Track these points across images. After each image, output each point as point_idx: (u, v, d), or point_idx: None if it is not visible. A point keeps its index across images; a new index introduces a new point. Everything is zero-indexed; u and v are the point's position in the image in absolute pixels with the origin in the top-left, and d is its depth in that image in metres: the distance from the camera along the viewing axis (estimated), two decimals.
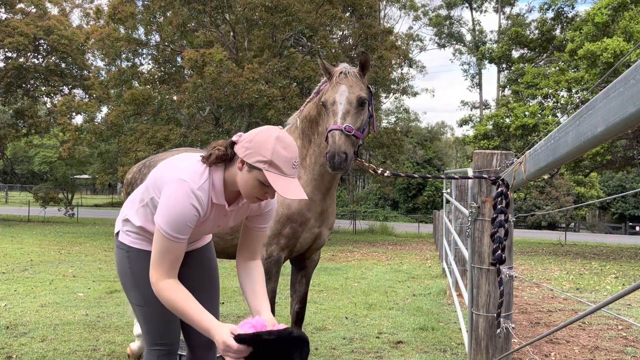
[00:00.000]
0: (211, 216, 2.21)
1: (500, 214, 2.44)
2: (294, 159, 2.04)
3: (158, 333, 2.39)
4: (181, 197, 2.05)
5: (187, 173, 2.11)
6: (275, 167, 2.00)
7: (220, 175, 2.14)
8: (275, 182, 1.98)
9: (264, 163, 2.00)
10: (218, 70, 14.68)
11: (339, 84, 3.08)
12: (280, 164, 2.00)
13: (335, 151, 2.84)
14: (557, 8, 22.31)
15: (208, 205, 2.14)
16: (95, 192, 60.10)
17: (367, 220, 31.38)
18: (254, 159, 2.02)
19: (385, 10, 40.39)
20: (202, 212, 2.11)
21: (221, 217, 2.25)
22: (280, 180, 2.00)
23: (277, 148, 2.01)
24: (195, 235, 2.38)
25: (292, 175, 2.03)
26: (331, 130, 2.93)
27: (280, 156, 2.00)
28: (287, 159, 2.01)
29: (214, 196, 2.13)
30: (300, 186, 2.05)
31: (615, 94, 1.09)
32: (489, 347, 2.85)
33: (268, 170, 1.99)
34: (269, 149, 2.01)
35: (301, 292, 3.73)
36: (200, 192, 2.08)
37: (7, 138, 25.54)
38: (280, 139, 2.04)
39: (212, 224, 2.27)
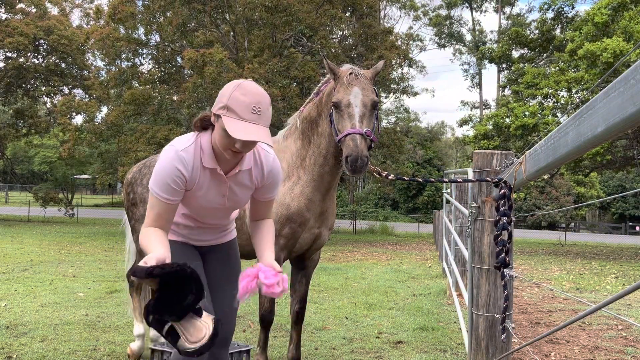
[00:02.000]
0: (206, 182, 2.25)
1: (503, 217, 2.41)
2: (254, 103, 2.05)
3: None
4: (165, 158, 2.17)
5: (175, 140, 2.25)
6: (232, 111, 2.04)
7: (207, 139, 2.22)
8: (229, 124, 2.02)
9: (222, 109, 2.07)
10: (218, 70, 14.68)
11: (352, 86, 3.03)
12: (237, 108, 2.03)
13: (359, 155, 2.82)
14: (557, 8, 22.31)
15: (196, 168, 2.20)
16: (95, 192, 60.10)
17: (367, 220, 31.38)
18: (216, 107, 2.11)
19: (385, 10, 40.39)
20: (187, 173, 2.17)
21: (221, 185, 2.28)
22: (235, 123, 2.03)
23: (235, 94, 2.06)
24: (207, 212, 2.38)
25: (251, 120, 2.04)
26: (351, 133, 2.88)
27: (237, 101, 2.04)
28: (245, 104, 2.04)
29: (204, 159, 2.20)
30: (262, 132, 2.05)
31: (615, 94, 1.09)
32: (489, 347, 2.85)
33: (226, 115, 2.05)
34: (226, 95, 2.07)
35: (301, 292, 3.73)
36: (184, 153, 2.17)
37: (7, 138, 25.54)
38: (242, 86, 2.08)
39: (214, 194, 2.29)
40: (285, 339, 4.81)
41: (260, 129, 2.06)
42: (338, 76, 3.11)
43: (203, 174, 2.23)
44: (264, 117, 2.09)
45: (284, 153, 3.48)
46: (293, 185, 3.38)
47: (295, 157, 3.42)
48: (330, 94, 3.19)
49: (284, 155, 3.47)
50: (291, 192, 3.37)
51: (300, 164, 3.40)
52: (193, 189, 2.25)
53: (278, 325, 5.34)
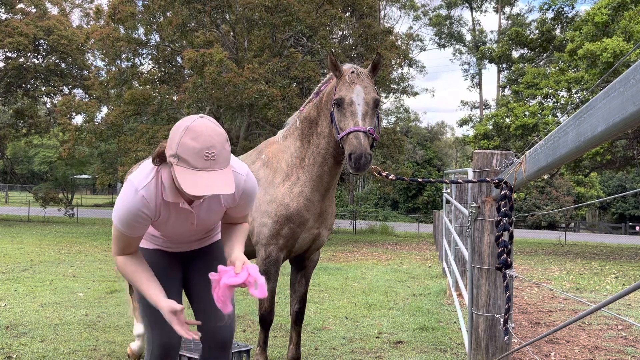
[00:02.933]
0: (172, 215, 2.16)
1: (504, 217, 2.40)
2: (206, 149, 1.86)
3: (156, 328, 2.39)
4: (126, 197, 2.07)
5: (136, 174, 2.12)
6: (182, 160, 1.87)
7: (168, 174, 2.07)
8: (181, 176, 1.86)
9: (173, 157, 1.91)
10: (218, 70, 14.68)
11: (354, 84, 3.01)
12: (187, 156, 1.86)
13: (362, 152, 2.79)
14: (557, 8, 22.30)
15: (158, 204, 2.10)
16: (95, 192, 60.08)
17: (367, 220, 31.38)
18: (168, 153, 1.95)
19: (385, 10, 40.39)
20: (150, 212, 2.08)
21: (187, 215, 2.18)
22: (188, 174, 1.86)
23: (184, 140, 1.87)
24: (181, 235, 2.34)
25: (204, 168, 1.86)
26: (354, 131, 2.86)
27: (187, 148, 1.86)
28: (195, 151, 1.85)
29: (165, 194, 2.08)
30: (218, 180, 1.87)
31: (615, 94, 1.09)
32: (489, 347, 2.85)
33: (177, 165, 1.89)
34: (175, 141, 1.90)
35: (301, 292, 3.73)
36: (144, 191, 2.05)
37: (7, 138, 25.55)
38: (190, 129, 1.88)
39: (181, 223, 2.22)
40: (285, 339, 4.81)
41: (217, 176, 1.88)
42: (341, 74, 3.09)
43: (166, 208, 2.13)
44: (220, 160, 1.90)
45: (283, 153, 3.48)
46: (292, 185, 3.38)
47: (295, 157, 3.42)
48: (331, 93, 3.18)
49: (283, 156, 3.47)
50: (290, 192, 3.36)
51: (299, 164, 3.39)
52: (159, 221, 2.18)
53: (278, 325, 5.34)
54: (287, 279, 4.46)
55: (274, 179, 3.44)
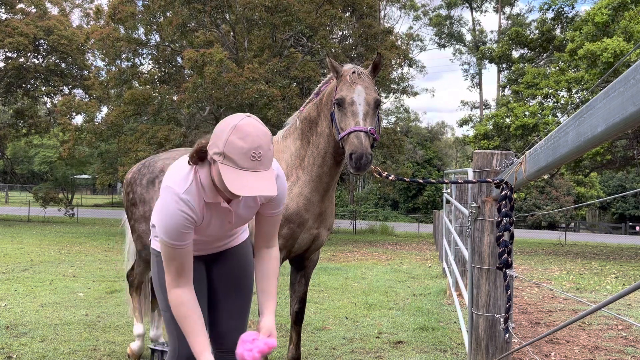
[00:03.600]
0: (213, 215, 2.15)
1: (505, 217, 2.39)
2: (253, 149, 1.86)
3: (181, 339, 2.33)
4: (169, 205, 2.02)
5: (172, 179, 2.07)
6: (229, 159, 1.86)
7: (206, 174, 2.05)
8: (227, 176, 1.86)
9: (218, 155, 1.89)
10: (218, 70, 14.68)
11: (355, 84, 3.01)
12: (234, 156, 1.85)
13: (363, 152, 2.79)
14: (557, 8, 22.31)
15: (201, 207, 2.07)
16: (95, 192, 60.09)
17: (367, 220, 31.39)
18: (212, 150, 1.93)
19: (385, 10, 40.37)
20: (196, 216, 2.05)
21: (226, 213, 2.18)
22: (233, 174, 1.86)
23: (232, 138, 1.86)
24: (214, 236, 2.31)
25: (251, 169, 1.86)
26: (355, 131, 2.86)
27: (234, 147, 1.85)
28: (243, 150, 1.85)
29: (205, 196, 2.06)
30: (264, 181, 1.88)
31: (615, 94, 1.09)
32: (489, 347, 2.85)
33: (222, 163, 1.88)
34: (222, 139, 1.88)
35: (300, 292, 3.72)
36: (187, 195, 2.02)
37: (7, 138, 25.55)
38: (238, 128, 1.87)
39: (220, 222, 2.21)
40: (285, 339, 4.81)
41: (262, 177, 1.88)
42: (341, 75, 3.09)
43: (208, 210, 2.12)
44: (265, 161, 1.90)
45: (283, 153, 3.48)
46: (292, 185, 3.38)
47: (294, 158, 3.42)
48: (331, 93, 3.18)
49: (282, 156, 3.47)
50: (290, 193, 3.36)
51: (299, 165, 3.39)
52: (201, 225, 2.16)
53: (278, 325, 5.34)
54: (287, 279, 4.46)
55: None
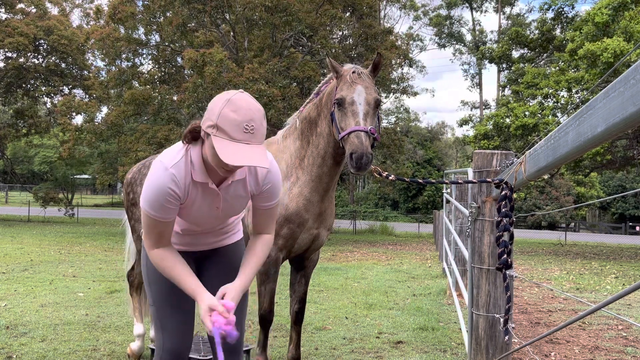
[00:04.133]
0: (199, 196, 2.16)
1: (505, 217, 2.39)
2: (246, 121, 1.90)
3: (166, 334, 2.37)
4: (156, 176, 2.07)
5: (164, 154, 2.14)
6: (222, 131, 1.90)
7: (197, 152, 2.10)
8: (220, 147, 1.89)
9: (212, 127, 1.93)
10: (218, 70, 14.69)
11: (355, 84, 3.01)
12: (227, 127, 1.90)
13: (364, 152, 2.79)
14: (557, 8, 22.31)
15: (187, 183, 2.10)
16: (95, 192, 60.08)
17: (367, 220, 31.38)
18: (205, 124, 1.97)
19: (385, 10, 40.38)
20: (180, 192, 2.09)
21: (214, 197, 2.19)
22: (227, 145, 1.90)
23: (225, 111, 1.91)
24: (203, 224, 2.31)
25: (243, 140, 1.91)
26: (355, 130, 2.86)
27: (227, 119, 1.90)
28: (236, 122, 1.89)
29: (194, 174, 2.10)
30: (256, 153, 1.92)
31: (615, 94, 1.09)
32: (489, 347, 2.85)
33: (215, 135, 1.92)
34: (215, 112, 1.93)
35: (300, 292, 3.72)
36: (174, 169, 2.06)
37: (7, 138, 25.55)
38: (232, 102, 1.93)
39: (207, 206, 2.21)
40: (285, 339, 4.81)
41: (254, 149, 1.92)
42: (341, 75, 3.09)
43: (194, 189, 2.14)
44: (258, 135, 1.94)
45: (283, 153, 3.48)
46: (292, 185, 3.38)
47: (294, 158, 3.42)
48: (331, 93, 3.18)
49: (282, 156, 3.47)
50: (290, 193, 3.36)
51: (298, 165, 3.39)
52: (185, 203, 2.17)
53: (278, 325, 5.34)
54: (287, 279, 4.46)
55: None
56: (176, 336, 2.36)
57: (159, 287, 2.34)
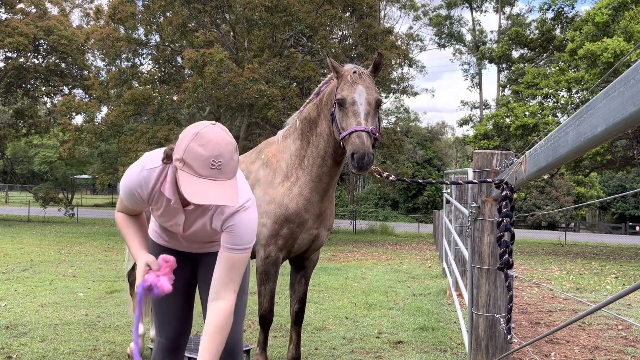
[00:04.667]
0: (163, 206, 2.19)
1: (506, 218, 2.39)
2: (213, 157, 1.83)
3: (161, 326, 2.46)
4: (132, 170, 2.16)
5: (152, 153, 2.20)
6: (188, 166, 1.85)
7: (172, 173, 2.09)
8: (184, 182, 1.84)
9: (179, 161, 1.88)
10: (218, 70, 14.68)
11: (356, 84, 3.01)
12: (193, 163, 1.84)
13: (365, 152, 2.79)
14: (557, 8, 22.30)
15: (155, 190, 2.14)
16: (95, 192, 60.07)
17: (367, 220, 31.38)
18: (174, 157, 1.93)
19: (385, 10, 40.38)
20: (144, 194, 2.14)
21: (178, 215, 2.19)
22: (192, 180, 1.84)
23: (192, 145, 1.85)
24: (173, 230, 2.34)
25: (209, 177, 1.84)
26: (357, 130, 2.86)
27: (193, 154, 1.84)
28: (202, 158, 1.83)
29: (164, 187, 2.12)
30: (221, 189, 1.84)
31: (615, 94, 1.09)
32: (489, 347, 2.85)
33: (181, 170, 1.87)
34: (183, 146, 1.88)
35: (300, 292, 3.72)
36: (147, 172, 2.12)
37: (7, 138, 25.54)
38: (200, 135, 1.85)
39: (170, 219, 2.23)
40: (285, 339, 4.81)
41: (221, 186, 1.84)
42: (341, 75, 3.09)
43: (160, 198, 2.17)
44: (226, 170, 1.86)
45: (283, 153, 3.48)
46: (292, 185, 3.38)
47: (294, 158, 3.42)
48: (331, 93, 3.18)
49: (282, 156, 3.47)
50: (289, 193, 3.37)
51: (298, 165, 3.39)
52: (152, 207, 2.24)
53: (278, 325, 5.34)
54: (287, 279, 4.46)
55: (273, 179, 3.44)
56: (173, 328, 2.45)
57: None
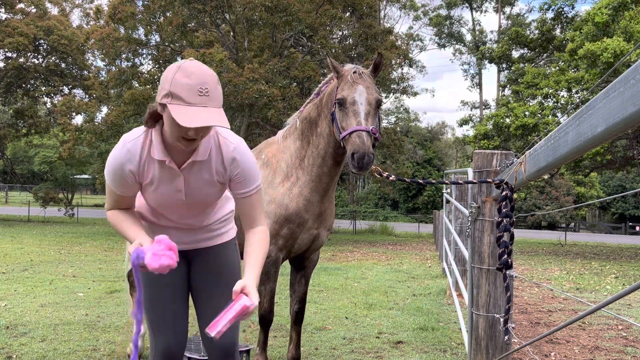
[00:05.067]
0: (157, 176, 2.13)
1: (506, 218, 2.38)
2: (199, 85, 1.88)
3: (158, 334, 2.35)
4: (114, 151, 2.12)
5: (129, 132, 2.18)
6: (176, 97, 1.88)
7: (158, 132, 2.10)
8: (176, 112, 1.87)
9: (166, 97, 1.91)
10: (218, 70, 14.68)
11: (357, 84, 3.02)
12: (181, 93, 1.87)
13: (365, 151, 2.80)
14: (557, 8, 22.30)
15: (144, 160, 2.10)
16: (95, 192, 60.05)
17: (367, 220, 31.38)
18: (160, 96, 1.95)
19: (385, 10, 40.38)
20: (134, 167, 2.09)
21: (175, 179, 2.14)
22: (183, 109, 1.87)
23: (177, 77, 1.89)
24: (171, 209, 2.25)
25: (199, 104, 1.88)
26: (357, 130, 2.87)
27: (180, 85, 1.88)
28: (189, 87, 1.87)
29: (153, 151, 2.09)
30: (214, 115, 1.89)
31: (615, 94, 1.09)
32: (489, 347, 2.85)
33: (171, 103, 1.89)
34: (168, 80, 1.91)
35: (300, 292, 3.72)
36: (131, 144, 2.09)
37: (7, 138, 25.54)
38: (183, 68, 1.91)
39: (168, 187, 2.16)
40: (285, 339, 4.81)
41: (211, 112, 1.88)
42: (341, 74, 3.09)
43: (153, 167, 2.12)
44: (214, 98, 1.91)
45: (283, 153, 3.48)
46: (292, 186, 3.38)
47: (294, 158, 3.42)
48: (331, 93, 3.19)
49: (282, 156, 3.47)
50: (289, 193, 3.37)
51: (299, 165, 3.39)
52: (144, 184, 2.15)
53: (278, 325, 5.34)
54: (287, 279, 4.46)
55: (273, 179, 3.44)
56: (170, 336, 2.34)
57: (149, 289, 2.30)
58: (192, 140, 1.99)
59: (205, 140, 2.11)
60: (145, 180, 2.14)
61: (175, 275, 2.31)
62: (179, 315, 2.38)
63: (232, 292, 2.04)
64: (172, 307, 2.35)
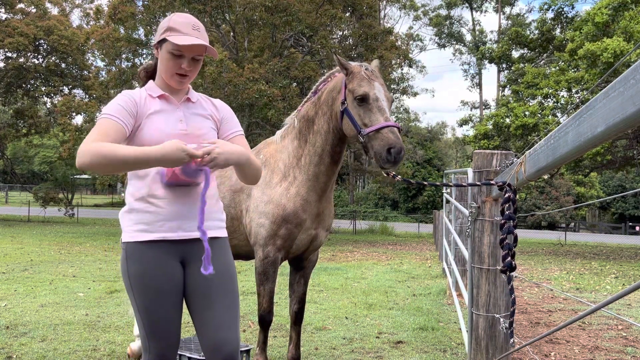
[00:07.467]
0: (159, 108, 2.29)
1: (509, 220, 2.37)
2: (193, 23, 2.29)
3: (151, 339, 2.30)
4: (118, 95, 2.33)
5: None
6: (175, 30, 2.25)
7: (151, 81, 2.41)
8: (175, 39, 2.22)
9: (165, 31, 2.27)
10: (218, 70, 14.69)
11: (373, 80, 3.04)
12: (179, 26, 2.26)
13: (402, 146, 2.84)
14: (557, 8, 22.30)
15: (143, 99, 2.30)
16: (95, 192, 60.10)
17: (367, 220, 31.38)
18: (158, 34, 2.31)
19: (385, 10, 40.38)
20: (135, 97, 2.28)
21: (175, 111, 2.31)
22: (181, 36, 2.23)
23: (174, 18, 2.31)
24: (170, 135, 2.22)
25: (193, 35, 2.25)
26: (389, 126, 2.89)
27: (177, 22, 2.27)
28: (185, 23, 2.27)
29: (150, 91, 2.33)
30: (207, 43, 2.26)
31: (615, 94, 1.09)
32: (489, 347, 2.85)
33: (170, 35, 2.24)
34: (166, 21, 2.31)
35: (300, 292, 3.72)
36: (131, 91, 2.34)
37: (7, 138, 25.55)
38: (177, 14, 2.34)
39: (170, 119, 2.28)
40: (285, 339, 4.81)
41: (203, 42, 2.24)
42: (352, 71, 3.09)
43: (151, 102, 2.30)
44: (203, 36, 2.30)
45: (281, 153, 3.47)
46: (289, 185, 3.37)
47: (292, 157, 3.41)
48: (333, 90, 3.19)
49: (280, 156, 3.47)
50: (287, 193, 3.36)
51: (296, 164, 3.39)
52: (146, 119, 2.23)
53: (278, 325, 5.34)
54: (286, 279, 4.46)
55: (271, 179, 3.43)
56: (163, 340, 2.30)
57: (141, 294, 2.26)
58: (185, 76, 2.28)
59: (193, 92, 2.42)
60: (149, 111, 2.28)
61: (170, 280, 2.28)
62: (173, 321, 2.31)
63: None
64: (166, 313, 2.29)
